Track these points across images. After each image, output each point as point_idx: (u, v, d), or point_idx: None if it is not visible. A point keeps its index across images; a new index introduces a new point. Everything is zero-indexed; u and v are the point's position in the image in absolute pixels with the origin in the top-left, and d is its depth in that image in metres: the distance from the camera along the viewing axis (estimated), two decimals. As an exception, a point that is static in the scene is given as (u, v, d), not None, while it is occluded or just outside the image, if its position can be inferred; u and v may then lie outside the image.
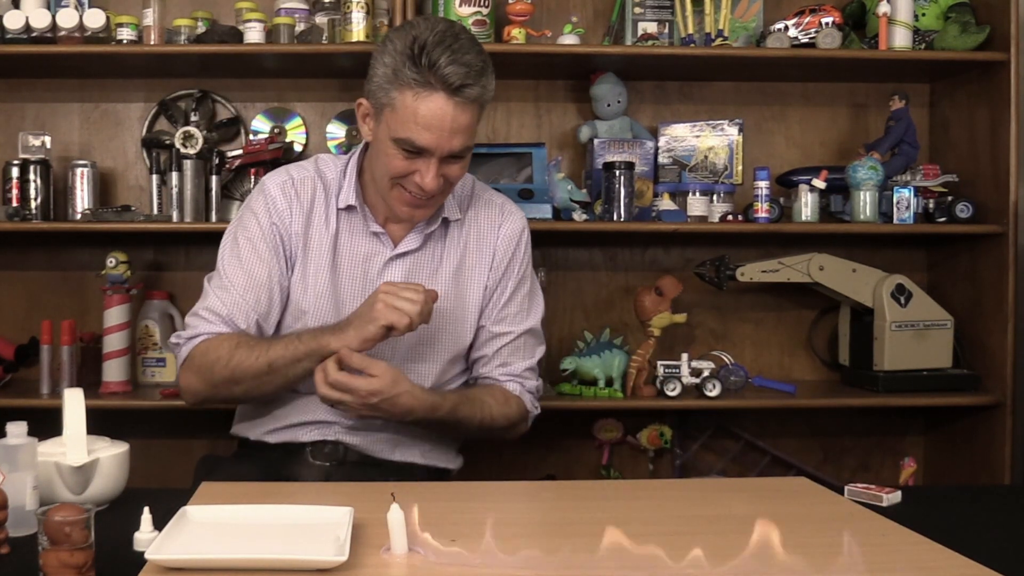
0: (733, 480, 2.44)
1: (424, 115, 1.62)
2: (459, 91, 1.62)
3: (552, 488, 1.74)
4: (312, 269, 1.80)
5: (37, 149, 2.52)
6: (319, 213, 1.81)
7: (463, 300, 1.85)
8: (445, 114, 1.62)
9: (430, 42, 1.61)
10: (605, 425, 2.70)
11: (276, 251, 1.79)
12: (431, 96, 1.62)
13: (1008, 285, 2.50)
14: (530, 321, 1.90)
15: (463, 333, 1.85)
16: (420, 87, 1.62)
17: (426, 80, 1.61)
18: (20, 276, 2.69)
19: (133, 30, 2.44)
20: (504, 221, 1.89)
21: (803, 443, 2.83)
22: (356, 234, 1.82)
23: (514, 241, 1.88)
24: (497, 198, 1.92)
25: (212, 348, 1.74)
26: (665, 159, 2.69)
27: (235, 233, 1.82)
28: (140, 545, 1.24)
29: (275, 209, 1.79)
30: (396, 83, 1.63)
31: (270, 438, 1.82)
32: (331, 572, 1.13)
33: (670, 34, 2.61)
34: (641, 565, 1.16)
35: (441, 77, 1.61)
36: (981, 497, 1.72)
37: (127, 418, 2.36)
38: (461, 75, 1.61)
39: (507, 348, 1.87)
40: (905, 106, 2.60)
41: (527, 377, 1.90)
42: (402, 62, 1.62)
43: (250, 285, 1.77)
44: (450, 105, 1.62)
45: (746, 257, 2.56)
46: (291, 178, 1.82)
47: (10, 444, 1.36)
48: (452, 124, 1.64)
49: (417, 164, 1.67)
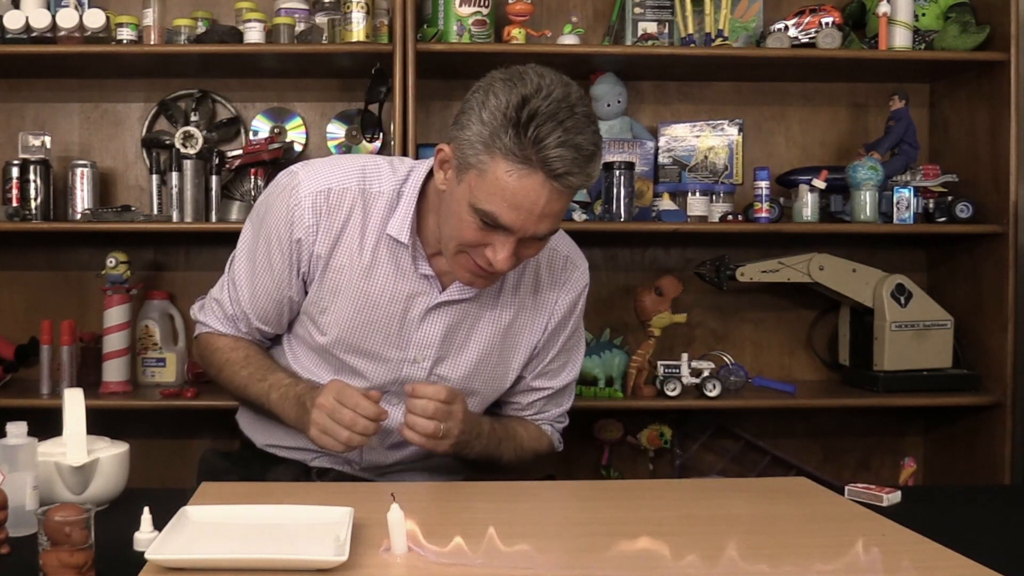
0: (733, 480, 2.44)
1: (515, 193, 1.41)
2: (561, 178, 1.40)
3: (552, 488, 1.74)
4: (332, 292, 1.63)
5: (37, 149, 2.52)
6: (352, 231, 1.60)
7: (507, 357, 1.71)
8: (539, 197, 1.41)
9: (542, 112, 1.39)
10: (605, 425, 2.70)
11: (291, 268, 1.64)
12: (529, 175, 1.40)
13: (1008, 285, 2.50)
14: (570, 376, 1.80)
15: (498, 387, 1.74)
16: (518, 162, 1.39)
17: (527, 156, 1.39)
18: (20, 276, 2.69)
19: (133, 30, 2.44)
20: (568, 279, 1.72)
21: (803, 443, 2.83)
22: (401, 271, 1.62)
23: (575, 304, 1.73)
24: (563, 246, 1.72)
25: (213, 350, 1.75)
26: (665, 159, 2.69)
27: (257, 232, 1.67)
28: (140, 545, 1.24)
29: (300, 224, 1.60)
30: (491, 147, 1.40)
31: (277, 451, 1.78)
32: (331, 572, 1.13)
33: (670, 34, 2.61)
34: (641, 565, 1.16)
35: (544, 159, 1.38)
36: (981, 497, 1.72)
37: (127, 418, 2.36)
38: (569, 162, 1.39)
39: (543, 400, 1.79)
40: (905, 106, 2.60)
41: (560, 421, 1.84)
42: (503, 126, 1.39)
43: (257, 297, 1.68)
44: (546, 189, 1.40)
45: (746, 257, 2.56)
46: (328, 188, 1.60)
47: (10, 444, 1.36)
48: (544, 209, 1.42)
49: (492, 238, 1.46)
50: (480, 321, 1.68)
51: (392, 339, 1.65)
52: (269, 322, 1.71)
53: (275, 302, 1.68)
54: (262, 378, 1.67)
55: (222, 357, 1.73)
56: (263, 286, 1.67)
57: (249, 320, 1.71)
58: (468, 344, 1.68)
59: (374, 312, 1.64)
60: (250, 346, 1.74)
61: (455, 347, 1.68)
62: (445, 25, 2.49)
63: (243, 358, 1.71)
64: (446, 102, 2.72)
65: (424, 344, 1.66)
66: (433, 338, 1.66)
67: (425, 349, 1.66)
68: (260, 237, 1.66)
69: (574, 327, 1.78)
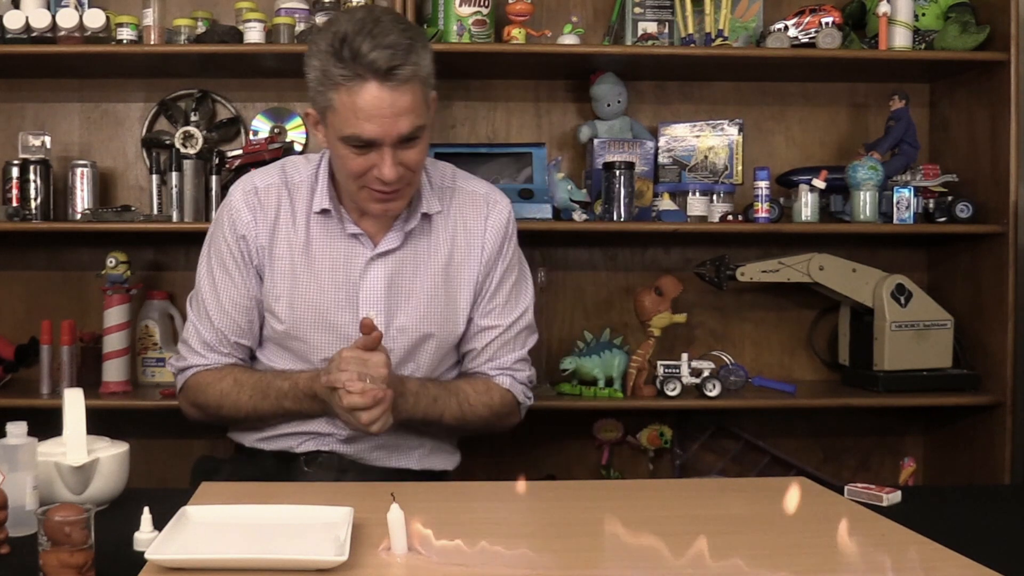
0: (733, 480, 2.44)
1: (363, 107, 1.58)
2: (389, 74, 1.57)
3: (552, 488, 1.74)
4: (281, 277, 1.77)
5: (37, 149, 2.52)
6: (285, 220, 1.77)
7: (453, 296, 1.81)
8: (382, 101, 1.58)
9: (350, 33, 1.57)
10: (605, 425, 2.70)
11: (246, 267, 1.78)
12: (364, 87, 1.57)
13: (1008, 285, 2.50)
14: (517, 312, 1.86)
15: (453, 329, 1.82)
16: (351, 81, 1.57)
17: (354, 72, 1.57)
18: (20, 276, 2.69)
19: (133, 30, 2.44)
20: (491, 212, 1.84)
21: (803, 443, 2.83)
22: (333, 237, 1.77)
23: (501, 233, 1.84)
24: (480, 187, 1.88)
25: (202, 386, 1.80)
26: (665, 159, 2.69)
27: (208, 253, 1.82)
28: (140, 545, 1.24)
29: (240, 221, 1.77)
30: (329, 83, 1.60)
31: (264, 445, 1.82)
32: (331, 572, 1.13)
33: (670, 34, 2.61)
34: (641, 565, 1.16)
35: (367, 65, 1.56)
36: (981, 497, 1.72)
37: (127, 418, 2.36)
38: (387, 57, 1.56)
39: (496, 342, 1.85)
40: (905, 106, 2.60)
41: (518, 369, 1.88)
42: (328, 61, 1.58)
43: (226, 310, 1.78)
44: (385, 91, 1.57)
45: (746, 257, 2.56)
46: (255, 188, 1.79)
47: (10, 444, 1.36)
48: (392, 109, 1.59)
49: (372, 158, 1.63)
50: (419, 267, 1.79)
51: (342, 303, 1.76)
52: (244, 334, 1.80)
53: (244, 309, 1.79)
54: (265, 395, 1.75)
55: (215, 392, 1.78)
56: (229, 297, 1.79)
57: (227, 337, 1.79)
58: (414, 290, 1.79)
59: (320, 283, 1.76)
60: (234, 370, 1.80)
61: (402, 295, 1.78)
62: (445, 25, 2.49)
63: (234, 384, 1.78)
64: (446, 102, 2.72)
65: (372, 299, 1.77)
66: (379, 291, 1.77)
67: (375, 304, 1.76)
68: (212, 256, 1.81)
69: (510, 264, 1.86)
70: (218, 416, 1.81)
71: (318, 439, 1.78)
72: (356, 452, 1.79)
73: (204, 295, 1.81)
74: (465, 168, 1.94)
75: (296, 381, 1.72)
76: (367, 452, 1.79)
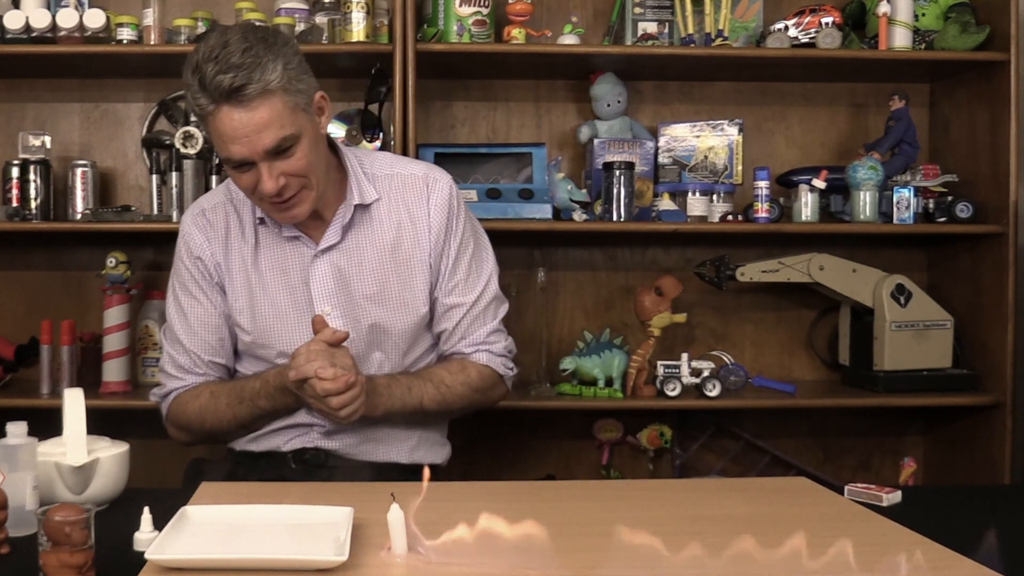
0: (733, 480, 2.44)
1: (224, 131, 1.61)
2: (236, 95, 1.58)
3: (552, 488, 1.74)
4: (239, 291, 1.81)
5: (37, 149, 2.52)
6: (235, 235, 1.82)
7: (407, 281, 1.82)
8: (238, 121, 1.60)
9: (200, 61, 1.60)
10: (605, 425, 2.70)
11: (209, 286, 1.82)
12: (219, 111, 1.60)
13: (1008, 285, 2.50)
14: (480, 285, 1.86)
15: (413, 313, 1.82)
16: (210, 110, 1.61)
17: (209, 99, 1.60)
18: (20, 276, 2.69)
19: (133, 30, 2.44)
20: (432, 191, 1.83)
21: (803, 443, 2.83)
22: (276, 243, 1.81)
23: (445, 210, 1.83)
24: (419, 168, 1.87)
25: (182, 406, 1.83)
26: (665, 159, 2.69)
27: (172, 284, 1.86)
28: (140, 545, 1.24)
29: (194, 244, 1.82)
30: (199, 113, 1.64)
31: (253, 447, 1.84)
32: (331, 572, 1.13)
33: (670, 34, 2.61)
34: (641, 565, 1.16)
35: (214, 90, 1.58)
36: (981, 497, 1.72)
37: (127, 418, 2.35)
38: (229, 80, 1.57)
39: (466, 319, 1.85)
40: (905, 106, 2.60)
41: (492, 341, 1.87)
42: (191, 91, 1.62)
43: (195, 331, 1.82)
44: (237, 112, 1.60)
45: (746, 257, 2.56)
46: (202, 210, 1.84)
47: (10, 444, 1.36)
48: (250, 127, 1.60)
49: (254, 174, 1.65)
50: (364, 257, 1.81)
51: (299, 304, 1.79)
52: (217, 352, 1.84)
53: (214, 328, 1.83)
54: (240, 399, 1.78)
55: (194, 408, 1.81)
56: (196, 318, 1.83)
57: (200, 358, 1.83)
58: (363, 278, 1.81)
59: (275, 289, 1.80)
60: (210, 384, 1.83)
61: (352, 285, 1.80)
62: (445, 25, 2.49)
63: (210, 397, 1.81)
64: (446, 102, 2.72)
65: (324, 294, 1.79)
66: (328, 285, 1.79)
67: (328, 298, 1.79)
68: (176, 284, 1.86)
69: (463, 239, 1.86)
70: (203, 431, 1.83)
71: (303, 436, 1.80)
72: (343, 447, 1.80)
73: (173, 322, 1.85)
74: (465, 168, 1.95)
75: (266, 379, 1.75)
76: (354, 447, 1.80)
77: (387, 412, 1.76)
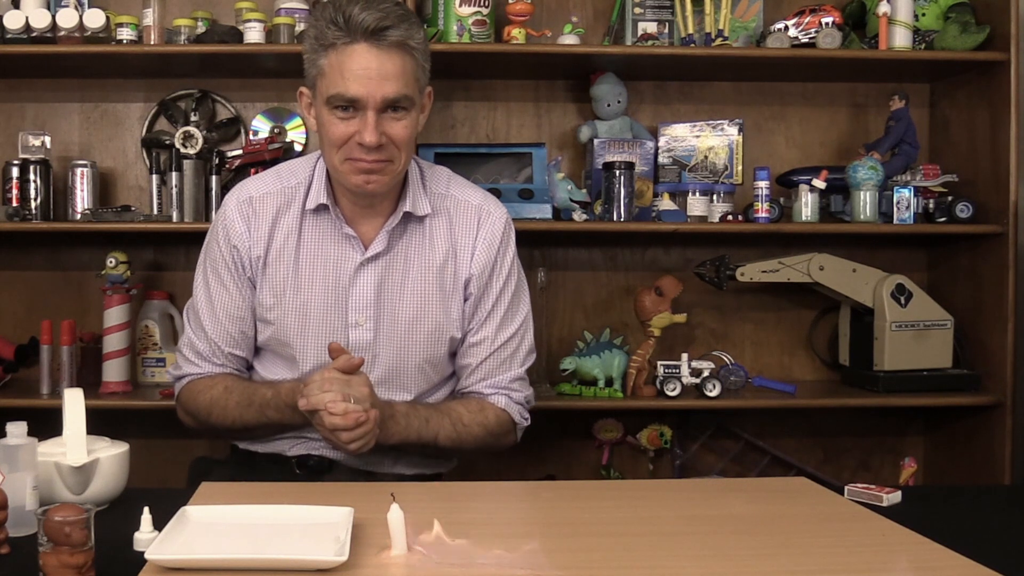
0: (733, 480, 2.44)
1: (350, 66, 1.61)
2: (379, 35, 1.60)
3: (552, 488, 1.74)
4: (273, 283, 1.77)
5: (37, 149, 2.52)
6: (280, 226, 1.77)
7: (446, 306, 1.78)
8: (370, 60, 1.60)
9: (345, 2, 1.62)
10: (605, 425, 2.70)
11: (240, 276, 1.78)
12: (352, 47, 1.61)
13: (1008, 285, 2.50)
14: (513, 327, 1.83)
15: (444, 340, 1.79)
16: (342, 43, 1.61)
17: (345, 33, 1.61)
18: (20, 276, 2.69)
19: (133, 30, 2.44)
20: (483, 224, 1.80)
21: (803, 443, 2.83)
22: (326, 238, 1.76)
23: (495, 245, 1.80)
24: (475, 198, 1.83)
25: (194, 394, 1.81)
26: (665, 159, 2.69)
27: (204, 263, 1.82)
28: (140, 545, 1.24)
29: (234, 232, 1.77)
30: (322, 48, 1.63)
31: (258, 448, 1.83)
32: (331, 572, 1.13)
33: (670, 34, 2.61)
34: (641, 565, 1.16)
35: (356, 26, 1.59)
36: (981, 497, 1.72)
37: (127, 418, 2.36)
38: (377, 18, 1.59)
39: (491, 359, 1.81)
40: (905, 106, 2.60)
41: (515, 389, 1.84)
42: (324, 27, 1.62)
43: (219, 320, 1.79)
44: (373, 52, 1.60)
45: (746, 257, 2.56)
46: (249, 197, 1.78)
47: (10, 444, 1.36)
48: (379, 70, 1.61)
49: (355, 124, 1.64)
50: (408, 271, 1.77)
51: (331, 307, 1.75)
52: (238, 344, 1.80)
53: (237, 320, 1.79)
54: (250, 403, 1.75)
55: (205, 398, 1.79)
56: (223, 308, 1.79)
57: (220, 348, 1.80)
58: (403, 296, 1.77)
59: (312, 286, 1.76)
60: (226, 378, 1.80)
61: (391, 300, 1.76)
62: (445, 25, 2.49)
63: (224, 391, 1.78)
64: (446, 102, 2.72)
65: (362, 304, 1.75)
66: (368, 296, 1.75)
67: (364, 309, 1.75)
68: (208, 267, 1.81)
69: (506, 279, 1.82)
70: (208, 423, 1.80)
71: (309, 442, 1.78)
72: (348, 457, 1.76)
73: (199, 304, 1.82)
74: (465, 168, 1.94)
75: (279, 391, 1.71)
76: (359, 457, 1.75)
77: (402, 442, 1.71)
